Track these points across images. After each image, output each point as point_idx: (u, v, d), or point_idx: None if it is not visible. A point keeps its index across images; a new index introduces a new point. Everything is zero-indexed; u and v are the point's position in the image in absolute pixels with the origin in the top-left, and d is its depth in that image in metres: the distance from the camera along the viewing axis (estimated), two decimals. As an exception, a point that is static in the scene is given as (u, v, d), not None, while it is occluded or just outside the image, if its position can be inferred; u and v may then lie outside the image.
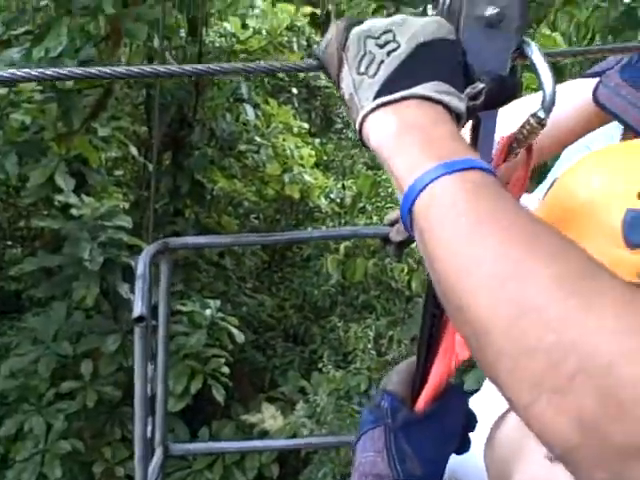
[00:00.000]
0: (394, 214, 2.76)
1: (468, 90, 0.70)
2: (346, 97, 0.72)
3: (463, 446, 0.99)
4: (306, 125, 8.13)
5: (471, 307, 0.59)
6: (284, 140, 7.23)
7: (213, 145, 6.66)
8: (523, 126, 0.79)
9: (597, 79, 1.06)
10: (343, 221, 7.52)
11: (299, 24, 7.94)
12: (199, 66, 0.67)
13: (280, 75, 7.80)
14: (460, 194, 0.62)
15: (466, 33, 0.71)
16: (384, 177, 7.26)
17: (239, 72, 0.71)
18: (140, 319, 1.38)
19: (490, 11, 0.70)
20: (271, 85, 8.17)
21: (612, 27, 4.47)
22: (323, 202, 7.77)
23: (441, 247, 0.62)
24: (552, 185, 0.98)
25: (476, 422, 0.99)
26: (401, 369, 1.01)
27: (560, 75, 5.07)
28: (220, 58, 6.83)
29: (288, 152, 7.22)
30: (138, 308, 1.36)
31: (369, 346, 5.80)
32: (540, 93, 1.18)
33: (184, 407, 5.46)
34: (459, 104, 0.69)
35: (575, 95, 1.15)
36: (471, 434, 1.01)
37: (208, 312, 5.47)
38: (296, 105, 8.73)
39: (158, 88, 5.52)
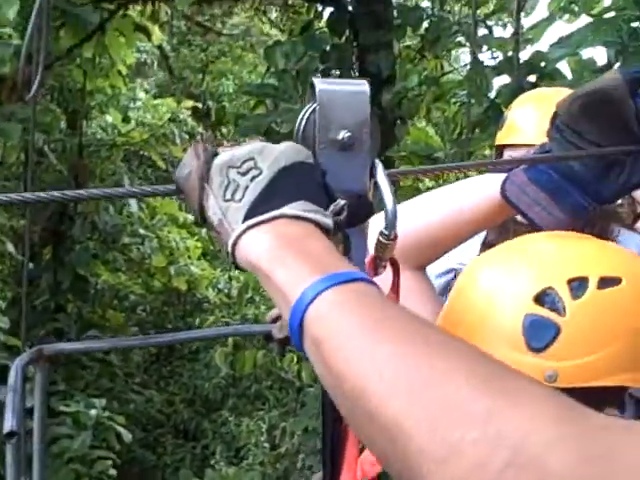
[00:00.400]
0: (276, 311, 2.77)
1: (331, 208, 0.73)
2: (215, 223, 0.73)
3: None
4: (191, 216, 8.12)
5: (386, 413, 0.57)
6: (169, 232, 7.20)
7: (96, 238, 6.55)
8: (377, 244, 0.83)
9: (503, 175, 1.14)
10: (232, 311, 7.48)
11: (181, 116, 8.03)
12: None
13: (163, 166, 7.81)
14: (350, 304, 0.63)
15: (322, 157, 0.75)
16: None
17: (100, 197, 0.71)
18: (11, 434, 1.33)
19: (342, 135, 0.74)
20: (155, 177, 8.16)
21: (477, 122, 4.73)
22: (211, 293, 7.72)
23: (342, 356, 0.62)
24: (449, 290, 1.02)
25: None
26: None
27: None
28: (101, 151, 6.79)
29: (173, 244, 7.18)
30: (9, 422, 1.31)
31: (262, 439, 5.71)
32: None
33: (69, 515, 5.18)
34: (326, 220, 0.72)
35: (480, 188, 1.23)
36: None
37: (93, 412, 5.26)
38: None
39: (29, 180, 5.40)
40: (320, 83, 0.74)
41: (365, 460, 1.00)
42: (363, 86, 0.76)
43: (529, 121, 2.02)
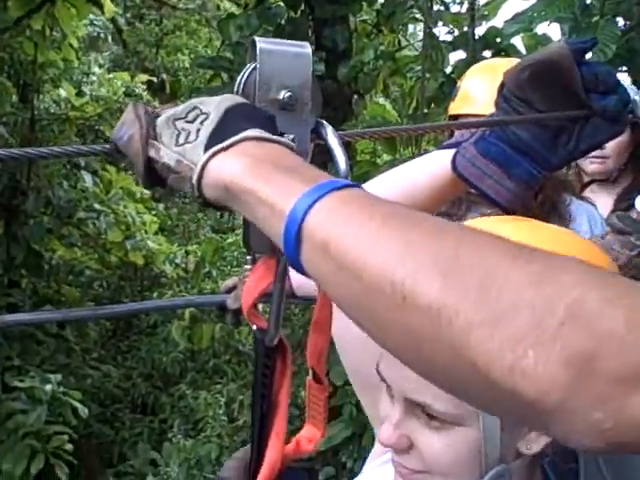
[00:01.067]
0: (230, 281, 2.79)
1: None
2: (173, 165, 0.73)
3: None
4: (148, 191, 8.07)
5: (423, 295, 0.56)
6: (125, 207, 7.13)
7: (50, 213, 6.46)
8: None
9: (454, 150, 1.14)
10: (189, 286, 7.45)
11: (137, 90, 7.94)
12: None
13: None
14: (352, 205, 0.63)
15: None
16: (229, 241, 7.30)
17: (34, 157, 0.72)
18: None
19: (282, 94, 0.75)
20: (110, 151, 8.06)
21: (433, 97, 4.76)
22: (168, 268, 7.69)
23: (358, 251, 0.60)
24: None
25: None
26: (238, 455, 1.00)
27: (391, 142, 5.34)
28: (54, 125, 6.69)
29: (130, 219, 7.12)
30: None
31: (220, 412, 5.73)
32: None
33: (25, 490, 5.16)
34: (290, 143, 0.72)
35: (432, 164, 1.22)
36: None
37: (48, 387, 5.23)
38: (138, 170, 8.65)
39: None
40: (261, 42, 0.75)
41: (302, 436, 0.99)
42: (305, 48, 0.77)
43: (481, 91, 2.05)
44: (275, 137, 0.71)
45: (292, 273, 2.43)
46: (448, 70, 4.95)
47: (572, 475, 2.32)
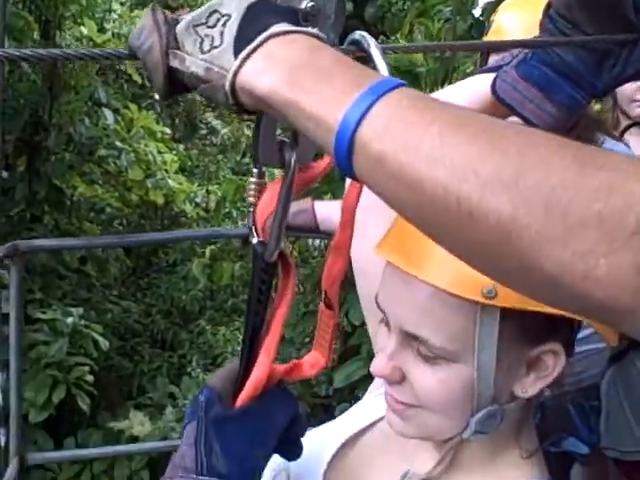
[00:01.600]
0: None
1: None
2: (202, 74, 0.70)
3: (292, 451, 0.97)
4: (169, 130, 8.06)
5: (491, 210, 0.56)
6: (146, 145, 7.14)
7: (71, 150, 6.49)
8: None
9: (494, 74, 1.11)
10: (209, 225, 7.49)
11: (159, 28, 7.86)
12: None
13: (139, 81, 7.70)
14: (408, 112, 0.60)
15: None
16: (249, 181, 7.28)
17: (57, 57, 0.74)
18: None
19: (305, 4, 0.74)
20: (131, 92, 8.05)
21: (461, 38, 4.69)
22: (188, 207, 7.73)
23: (420, 163, 0.58)
24: None
25: (304, 428, 0.97)
26: (229, 366, 0.98)
27: (417, 83, 5.28)
28: (75, 62, 6.66)
29: (150, 157, 7.13)
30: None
31: (238, 348, 5.82)
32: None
33: (48, 418, 5.30)
34: (319, 33, 0.69)
35: (471, 88, 1.19)
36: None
37: (70, 320, 5.32)
38: (159, 111, 8.64)
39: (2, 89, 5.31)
40: None
41: (306, 361, 0.99)
42: None
43: (516, 24, 1.99)
44: (304, 29, 0.68)
45: (317, 207, 2.42)
46: (477, 12, 4.87)
47: (595, 412, 2.34)
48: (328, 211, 2.26)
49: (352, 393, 4.67)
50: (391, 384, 0.95)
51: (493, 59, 1.90)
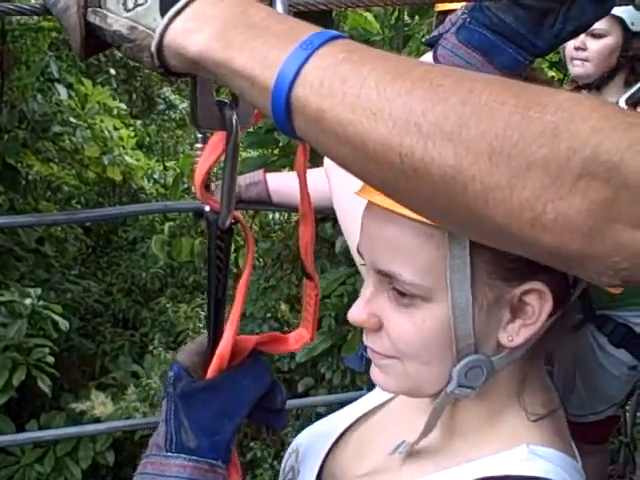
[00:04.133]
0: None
1: None
2: (126, 33, 0.66)
3: (274, 420, 0.97)
4: (125, 106, 7.93)
5: (434, 163, 0.54)
6: (102, 121, 7.01)
7: (24, 127, 6.34)
8: None
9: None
10: (168, 202, 7.41)
11: None
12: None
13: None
14: (344, 65, 0.57)
15: None
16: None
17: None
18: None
19: None
20: (85, 65, 7.89)
21: (417, 9, 4.67)
22: (147, 184, 7.63)
23: (359, 118, 0.56)
24: None
25: (283, 396, 0.96)
26: (198, 339, 0.98)
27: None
28: (26, 36, 6.51)
29: (107, 134, 7.01)
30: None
31: (200, 325, 5.79)
32: None
33: (9, 401, 5.22)
34: None
35: (417, 61, 1.20)
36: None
37: (28, 301, 5.23)
38: (115, 86, 8.49)
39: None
40: None
41: (291, 335, 1.01)
42: None
43: None
44: None
45: (269, 179, 2.41)
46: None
47: (548, 375, 2.33)
48: (280, 183, 2.24)
49: (314, 367, 4.68)
50: (369, 333, 0.93)
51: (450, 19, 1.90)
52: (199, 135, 0.83)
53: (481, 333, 0.87)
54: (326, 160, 1.36)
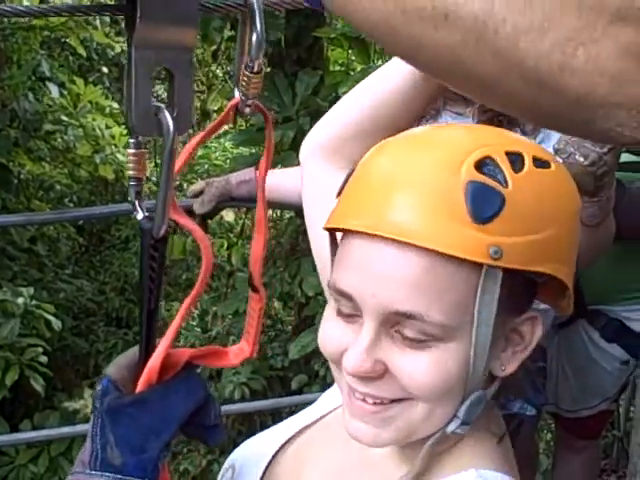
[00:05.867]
0: (197, 186, 2.78)
1: None
2: None
3: (208, 436, 0.93)
4: (117, 105, 7.90)
5: (466, 7, 0.53)
6: (94, 120, 6.99)
7: (16, 126, 6.32)
8: (240, 79, 0.78)
9: None
10: (161, 200, 7.38)
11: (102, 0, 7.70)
12: None
13: (84, 54, 7.52)
14: None
15: None
16: (199, 154, 7.21)
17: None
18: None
19: None
20: (77, 64, 7.87)
21: None
22: (139, 182, 7.60)
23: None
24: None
25: (216, 411, 0.92)
26: (129, 351, 0.94)
27: (365, 48, 5.23)
28: (17, 34, 6.48)
29: (99, 132, 6.99)
30: None
31: (193, 323, 5.78)
32: None
33: (2, 401, 5.21)
34: None
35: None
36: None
37: (21, 300, 5.22)
38: (107, 85, 8.46)
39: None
40: None
41: (232, 349, 0.99)
42: None
43: None
44: None
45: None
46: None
47: (540, 373, 2.34)
48: (271, 180, 2.23)
49: (307, 364, 4.67)
50: (368, 382, 0.85)
51: None
52: (131, 140, 0.80)
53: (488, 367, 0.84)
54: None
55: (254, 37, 0.72)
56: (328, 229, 0.91)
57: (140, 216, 0.81)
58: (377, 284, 0.81)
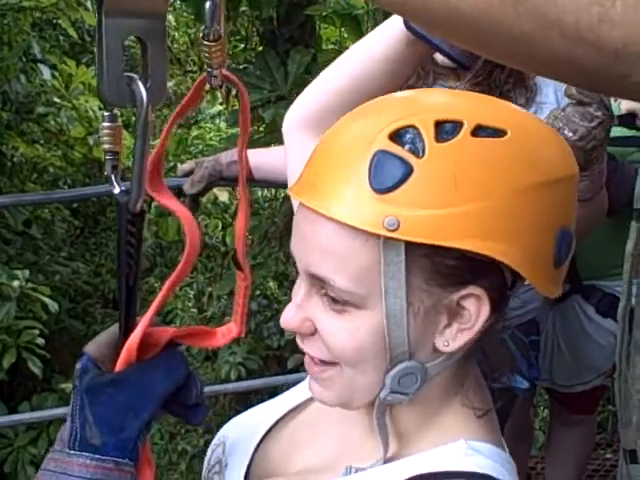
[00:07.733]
0: (187, 165, 2.77)
1: None
2: None
3: (191, 415, 0.94)
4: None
5: None
6: (87, 101, 6.95)
7: (8, 109, 6.29)
8: (203, 51, 0.78)
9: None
10: (155, 181, 7.35)
11: (93, -21, 7.61)
12: None
13: (75, 35, 7.45)
14: None
15: None
16: (194, 134, 7.19)
17: None
18: None
19: None
20: (68, 45, 7.81)
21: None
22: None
23: None
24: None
25: (199, 390, 0.92)
26: (109, 329, 0.94)
27: (357, 26, 5.19)
28: (7, 15, 6.43)
29: (92, 114, 6.95)
30: None
31: (189, 304, 5.79)
32: None
33: (0, 384, 5.22)
34: None
35: (386, 31, 1.19)
36: None
37: (16, 283, 5.21)
38: (99, 66, 8.42)
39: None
40: None
41: (220, 329, 0.99)
42: None
43: None
44: None
45: (251, 155, 2.38)
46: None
47: (534, 346, 2.34)
48: (261, 159, 2.23)
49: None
50: (304, 338, 0.92)
51: None
52: (105, 114, 0.79)
53: (416, 339, 0.85)
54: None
55: (207, 4, 0.70)
56: None
57: (117, 190, 0.80)
58: (300, 247, 0.89)
